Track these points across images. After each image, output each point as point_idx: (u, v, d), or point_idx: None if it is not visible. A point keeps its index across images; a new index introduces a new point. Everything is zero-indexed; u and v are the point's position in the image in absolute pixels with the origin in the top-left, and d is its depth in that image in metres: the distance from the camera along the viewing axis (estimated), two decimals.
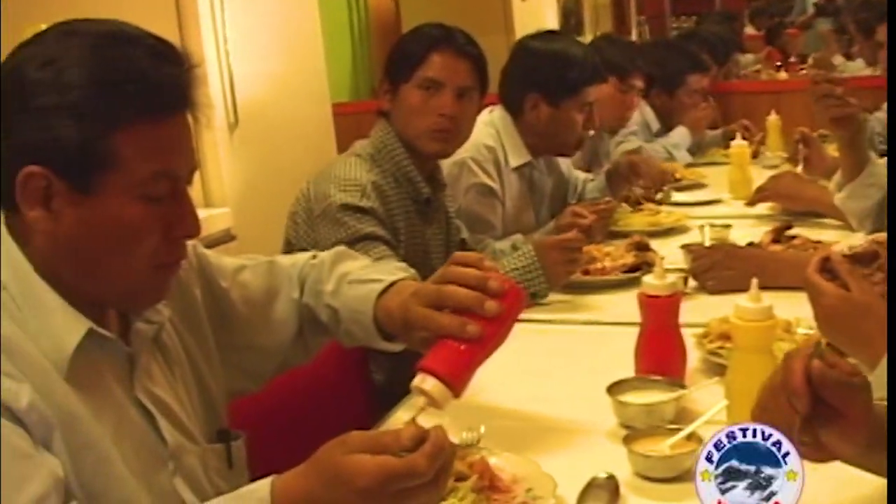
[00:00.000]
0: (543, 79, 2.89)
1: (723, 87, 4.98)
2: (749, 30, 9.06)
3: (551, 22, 6.64)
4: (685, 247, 2.53)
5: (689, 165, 4.19)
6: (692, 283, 2.33)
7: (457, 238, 2.58)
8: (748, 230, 2.88)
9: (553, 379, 1.93)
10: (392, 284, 1.44)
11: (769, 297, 1.92)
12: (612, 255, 2.53)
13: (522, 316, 1.32)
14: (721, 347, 1.83)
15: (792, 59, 6.84)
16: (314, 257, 1.61)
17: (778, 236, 2.48)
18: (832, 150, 3.25)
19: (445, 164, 2.76)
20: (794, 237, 2.49)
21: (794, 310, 1.83)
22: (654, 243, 2.68)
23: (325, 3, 4.75)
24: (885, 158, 2.70)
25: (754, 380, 1.19)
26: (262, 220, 3.62)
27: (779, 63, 6.75)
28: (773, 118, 4.38)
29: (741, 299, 1.57)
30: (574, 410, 1.74)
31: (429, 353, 1.21)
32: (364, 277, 1.49)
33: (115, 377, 1.22)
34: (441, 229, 2.52)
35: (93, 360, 1.18)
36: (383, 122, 2.40)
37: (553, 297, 2.36)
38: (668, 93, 4.38)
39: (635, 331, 1.81)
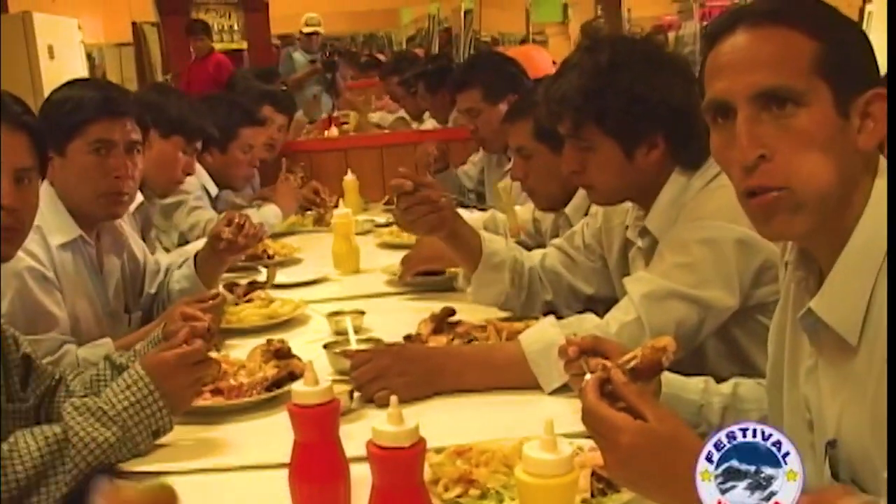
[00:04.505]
0: (54, 128, 2.31)
1: (284, 146, 4.58)
2: None
3: None
4: (331, 348, 2.08)
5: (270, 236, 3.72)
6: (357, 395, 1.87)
7: (16, 357, 1.85)
8: (381, 314, 2.49)
9: None
10: None
11: (453, 404, 1.81)
12: (247, 368, 2.00)
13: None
14: (462, 496, 1.39)
15: (335, 114, 6.66)
16: None
17: (440, 325, 2.11)
18: None
19: None
20: (457, 323, 2.12)
21: (494, 419, 1.68)
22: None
23: None
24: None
25: None
26: None
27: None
28: (349, 179, 4.07)
29: (529, 447, 1.17)
30: None
31: None
32: None
33: None
34: None
35: None
36: None
37: (176, 434, 1.74)
38: (220, 149, 3.86)
39: None
